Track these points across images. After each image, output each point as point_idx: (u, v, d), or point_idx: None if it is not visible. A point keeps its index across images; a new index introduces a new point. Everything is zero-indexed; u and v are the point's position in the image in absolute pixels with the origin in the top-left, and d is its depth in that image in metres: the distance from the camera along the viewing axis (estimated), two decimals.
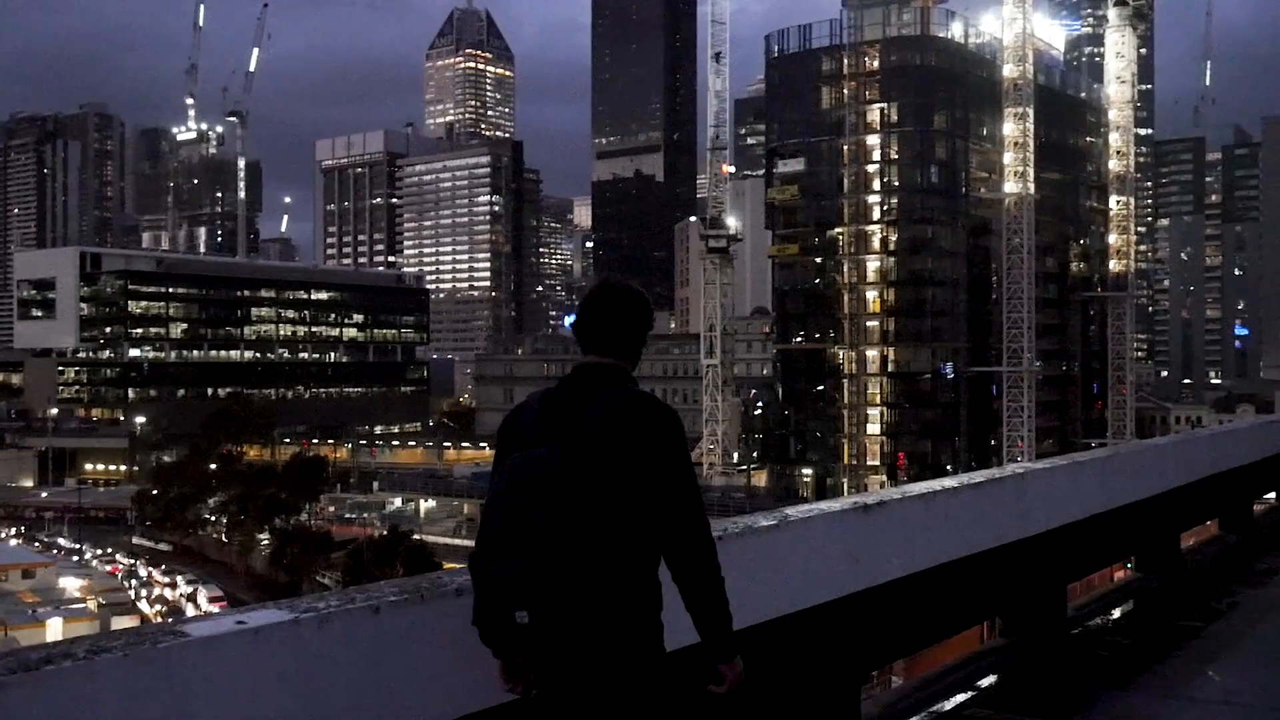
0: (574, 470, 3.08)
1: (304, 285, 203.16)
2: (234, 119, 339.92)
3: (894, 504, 5.29)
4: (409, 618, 3.20)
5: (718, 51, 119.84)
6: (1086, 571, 7.82)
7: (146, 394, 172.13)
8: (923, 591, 5.39)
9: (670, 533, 3.20)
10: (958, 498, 5.81)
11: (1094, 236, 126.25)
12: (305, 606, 3.03)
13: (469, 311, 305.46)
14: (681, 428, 3.28)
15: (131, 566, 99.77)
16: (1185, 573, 9.08)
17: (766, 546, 4.48)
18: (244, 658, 2.80)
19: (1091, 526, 7.38)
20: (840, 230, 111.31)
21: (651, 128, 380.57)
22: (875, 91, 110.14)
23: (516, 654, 3.19)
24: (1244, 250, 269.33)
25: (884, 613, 5.12)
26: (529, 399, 3.36)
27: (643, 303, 3.46)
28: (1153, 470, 8.83)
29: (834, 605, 4.78)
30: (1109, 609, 8.08)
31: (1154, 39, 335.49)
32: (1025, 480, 6.60)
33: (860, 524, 5.08)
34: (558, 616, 3.09)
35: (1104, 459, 8.11)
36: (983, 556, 5.96)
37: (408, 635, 3.19)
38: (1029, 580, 6.57)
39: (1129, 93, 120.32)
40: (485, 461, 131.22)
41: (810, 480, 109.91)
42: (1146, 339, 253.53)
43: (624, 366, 3.38)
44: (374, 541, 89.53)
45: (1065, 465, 7.33)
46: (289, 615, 2.93)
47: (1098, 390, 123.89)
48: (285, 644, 2.88)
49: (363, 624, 3.07)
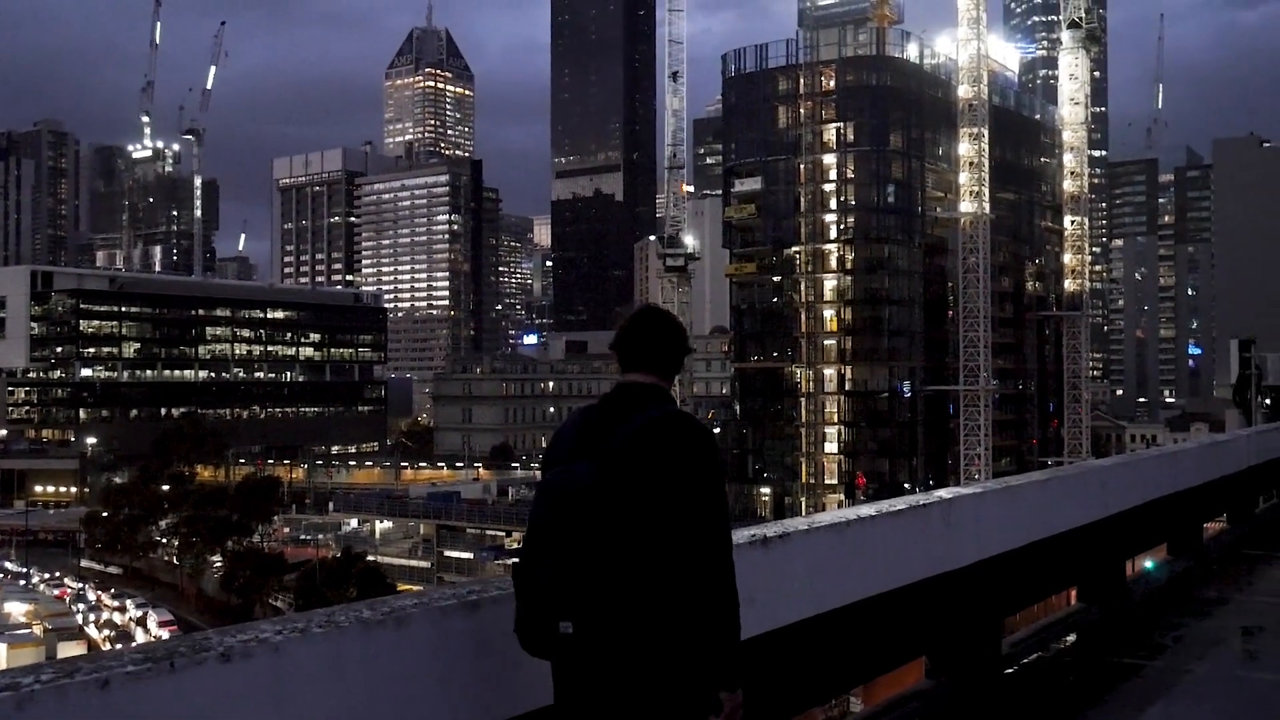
0: (604, 486, 3.16)
1: (260, 304, 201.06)
2: (190, 137, 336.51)
3: (799, 536, 4.77)
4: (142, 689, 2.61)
5: (675, 71, 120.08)
6: (1023, 604, 7.35)
7: (98, 414, 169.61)
8: (833, 633, 4.87)
9: (691, 551, 3.23)
10: (875, 527, 5.31)
11: (1049, 256, 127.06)
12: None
13: (427, 330, 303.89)
14: (715, 448, 3.36)
15: (80, 590, 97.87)
16: (1130, 603, 8.65)
17: None
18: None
19: (1029, 555, 6.92)
20: (797, 249, 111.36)
21: (611, 147, 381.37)
22: (831, 111, 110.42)
23: (554, 660, 3.23)
24: (1197, 270, 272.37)
25: (785, 660, 4.58)
26: (571, 416, 3.47)
27: (681, 326, 3.62)
28: (1095, 494, 8.39)
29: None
30: (1048, 644, 7.60)
31: (1107, 62, 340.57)
32: (953, 507, 6.10)
33: (759, 560, 4.56)
34: (600, 627, 3.12)
35: (1042, 482, 7.63)
36: (905, 591, 5.47)
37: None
38: (958, 616, 6.07)
39: (1082, 114, 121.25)
40: (442, 481, 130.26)
41: (768, 500, 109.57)
42: (1102, 358, 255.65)
43: (663, 386, 3.50)
44: (327, 563, 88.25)
45: (999, 490, 6.86)
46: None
47: (1054, 409, 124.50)
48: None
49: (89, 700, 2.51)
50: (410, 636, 3.17)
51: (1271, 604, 9.83)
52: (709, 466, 3.29)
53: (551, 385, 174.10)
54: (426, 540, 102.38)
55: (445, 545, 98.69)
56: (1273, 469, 14.57)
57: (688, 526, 3.21)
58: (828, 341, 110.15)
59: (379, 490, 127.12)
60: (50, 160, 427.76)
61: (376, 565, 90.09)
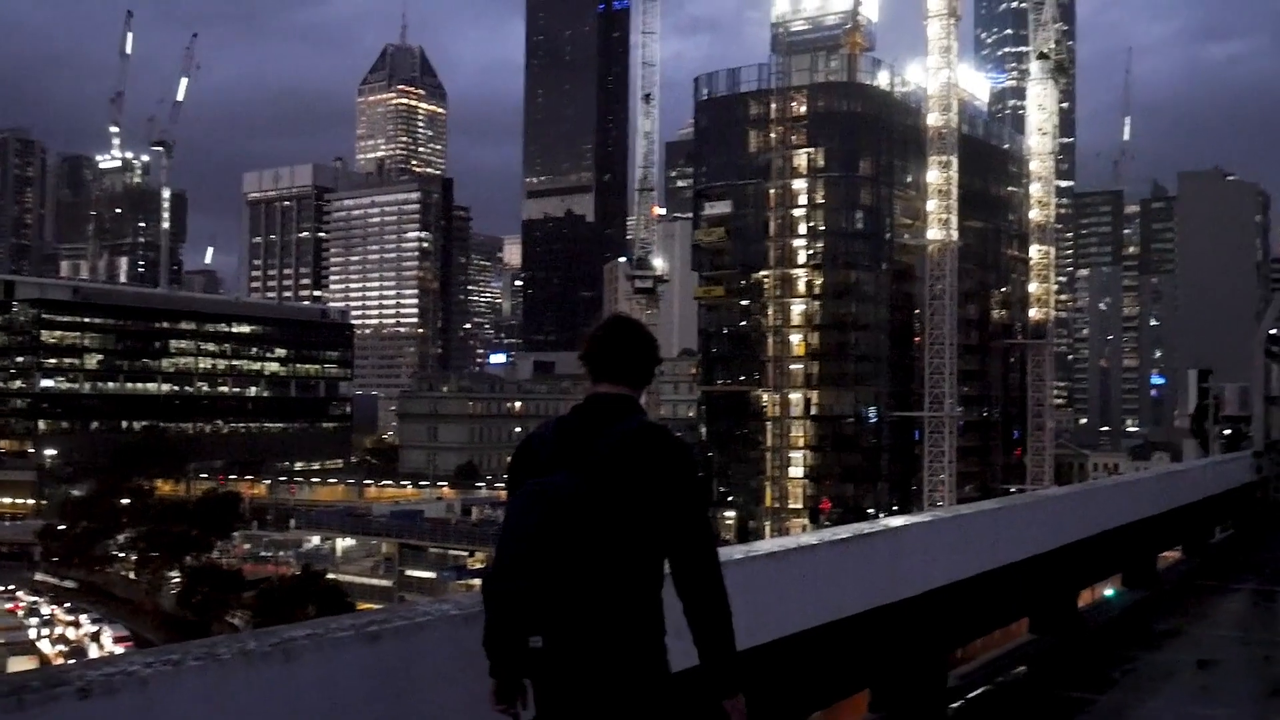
0: (588, 496, 3.12)
1: (225, 318, 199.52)
2: (160, 148, 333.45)
3: (733, 566, 4.56)
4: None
5: (647, 93, 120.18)
6: (972, 636, 7.20)
7: (58, 426, 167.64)
8: (767, 669, 4.68)
9: (679, 563, 3.24)
10: (815, 557, 5.13)
11: (1015, 284, 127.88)
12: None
13: (395, 348, 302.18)
14: (693, 460, 3.38)
15: (34, 605, 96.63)
16: (1083, 634, 8.51)
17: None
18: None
19: (979, 586, 6.77)
20: (766, 273, 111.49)
21: (583, 168, 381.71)
22: (802, 136, 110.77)
23: (526, 677, 3.17)
24: (1160, 301, 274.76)
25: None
26: (543, 426, 3.42)
27: (652, 337, 3.59)
28: (1048, 524, 8.26)
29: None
30: (996, 677, 7.43)
31: (1075, 94, 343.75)
32: (900, 536, 5.94)
33: None
34: (572, 640, 3.07)
35: (994, 512, 7.48)
36: (847, 623, 5.29)
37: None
38: (903, 648, 5.90)
39: (1050, 144, 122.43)
40: (406, 500, 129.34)
41: (733, 523, 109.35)
42: (1066, 386, 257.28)
43: (634, 396, 3.47)
44: (286, 581, 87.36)
45: (948, 519, 6.71)
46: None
47: (1018, 436, 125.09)
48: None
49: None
50: (299, 671, 2.91)
51: (1226, 637, 9.73)
52: (693, 476, 3.34)
53: (519, 405, 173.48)
54: (389, 559, 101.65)
55: (408, 564, 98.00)
56: (1228, 499, 14.52)
57: (678, 534, 3.22)
58: (795, 366, 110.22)
59: (342, 508, 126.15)
60: (17, 168, 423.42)
61: (337, 584, 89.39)
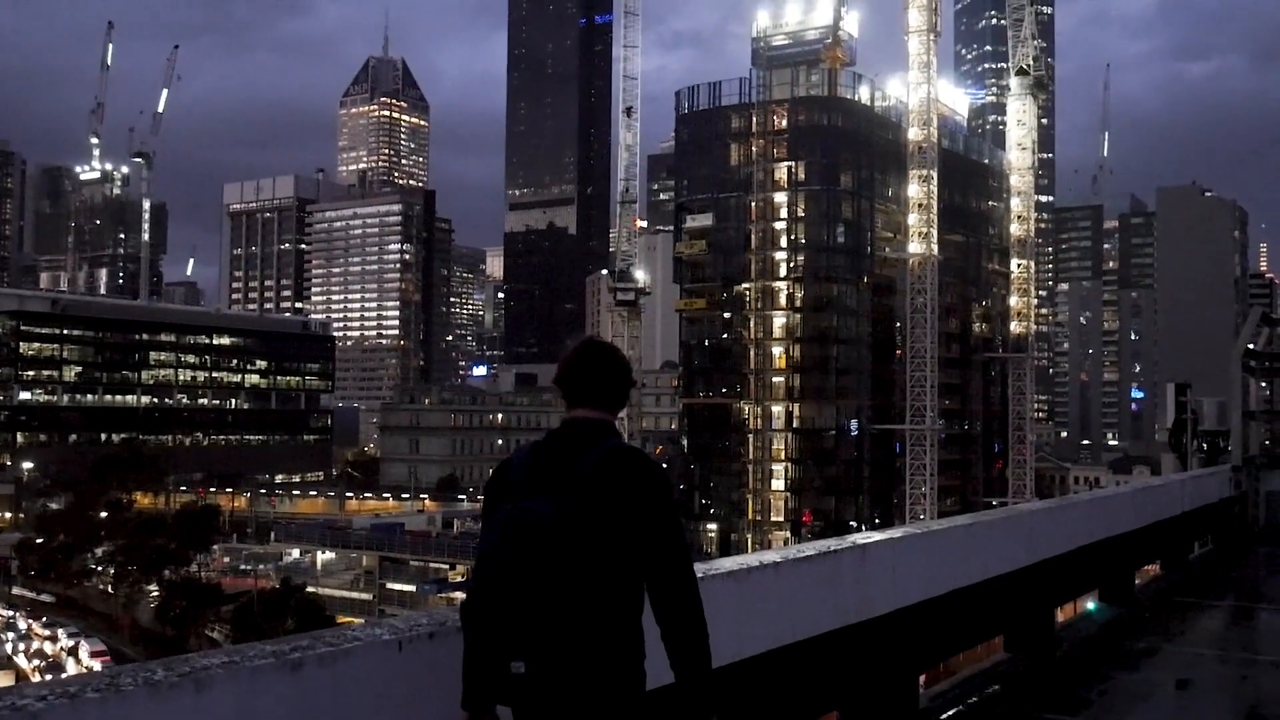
0: (567, 520, 3.12)
1: (206, 329, 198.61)
2: (140, 160, 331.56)
3: None
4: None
5: (629, 106, 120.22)
6: (944, 655, 7.03)
7: (36, 438, 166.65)
8: (730, 690, 4.50)
9: (658, 586, 3.27)
10: (778, 575, 4.97)
11: (995, 299, 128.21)
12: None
13: (376, 360, 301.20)
14: (669, 483, 3.41)
15: (10, 618, 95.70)
16: (1058, 653, 8.35)
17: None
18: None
19: (951, 604, 6.61)
20: (747, 286, 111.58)
21: (565, 180, 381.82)
22: (783, 150, 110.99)
23: (505, 703, 3.14)
24: (1140, 315, 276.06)
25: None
26: (517, 452, 3.44)
27: (625, 361, 3.62)
28: (1022, 540, 8.11)
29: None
30: (969, 697, 7.26)
31: (1055, 109, 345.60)
32: (868, 553, 5.78)
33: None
34: (553, 665, 3.07)
35: (966, 528, 7.32)
36: (812, 643, 5.12)
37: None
38: (871, 669, 5.74)
39: (1030, 159, 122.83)
40: (386, 512, 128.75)
41: (714, 536, 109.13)
42: (1046, 400, 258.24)
43: (609, 420, 3.48)
44: (265, 594, 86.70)
45: (919, 535, 6.54)
46: None
47: (999, 449, 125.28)
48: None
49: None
50: (212, 703, 2.72)
51: (1203, 655, 9.59)
52: (668, 500, 3.34)
53: (500, 417, 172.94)
54: (369, 572, 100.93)
55: (388, 577, 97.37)
56: (1207, 514, 14.41)
57: (655, 557, 3.25)
58: (776, 378, 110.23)
59: (322, 520, 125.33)
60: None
61: (316, 597, 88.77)
